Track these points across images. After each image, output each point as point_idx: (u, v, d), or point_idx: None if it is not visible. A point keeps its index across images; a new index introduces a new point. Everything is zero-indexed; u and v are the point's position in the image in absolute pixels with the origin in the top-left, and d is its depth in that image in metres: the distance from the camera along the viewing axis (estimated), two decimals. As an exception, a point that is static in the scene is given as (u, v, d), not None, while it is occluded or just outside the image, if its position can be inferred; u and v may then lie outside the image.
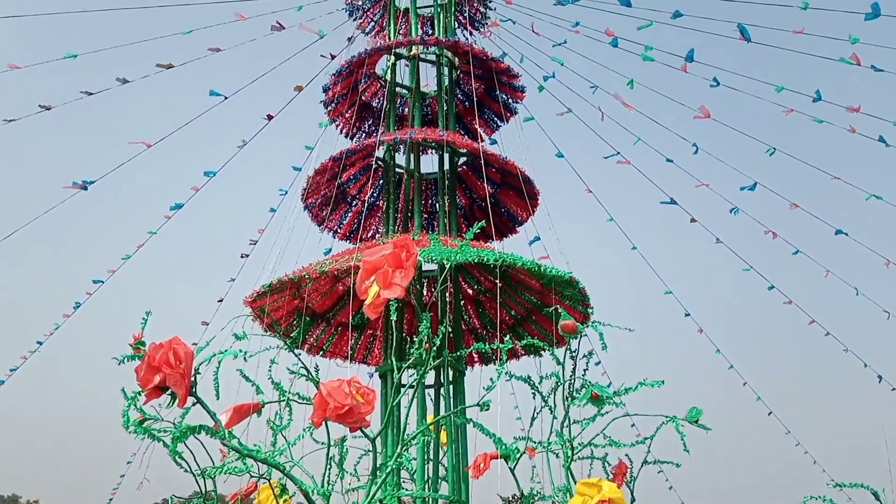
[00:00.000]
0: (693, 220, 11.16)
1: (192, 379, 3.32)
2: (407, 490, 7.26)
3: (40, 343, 10.17)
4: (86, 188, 9.30)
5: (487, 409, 4.13)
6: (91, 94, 9.79)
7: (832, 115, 9.39)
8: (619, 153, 11.19)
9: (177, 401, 3.25)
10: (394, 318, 3.74)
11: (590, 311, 8.21)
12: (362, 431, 3.43)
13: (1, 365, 10.29)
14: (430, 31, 10.44)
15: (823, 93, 8.99)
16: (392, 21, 10.28)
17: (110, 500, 11.28)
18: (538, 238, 9.52)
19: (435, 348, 4.29)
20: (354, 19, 10.83)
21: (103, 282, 10.17)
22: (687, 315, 11.56)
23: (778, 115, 9.72)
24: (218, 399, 3.63)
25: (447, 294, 8.38)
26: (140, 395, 3.30)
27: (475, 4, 10.67)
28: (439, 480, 7.88)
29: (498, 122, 10.35)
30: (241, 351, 3.62)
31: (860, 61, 8.06)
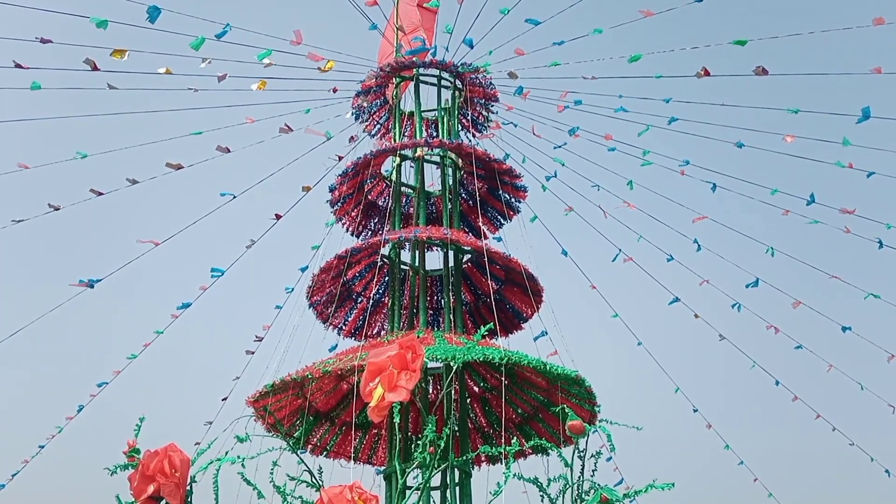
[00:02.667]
0: (696, 317, 11.16)
1: (189, 488, 3.20)
2: None
3: (42, 447, 9.98)
4: (92, 286, 9.29)
5: (494, 515, 3.97)
6: (101, 193, 9.92)
7: (827, 216, 9.55)
8: (620, 251, 11.29)
9: (171, 511, 3.12)
10: (397, 420, 3.63)
11: (597, 409, 8.02)
12: (365, 542, 3.27)
13: (1, 468, 10.05)
14: (435, 134, 10.68)
15: (820, 190, 9.20)
16: (397, 124, 10.54)
17: None
18: (545, 333, 9.45)
19: (440, 451, 4.15)
20: (361, 122, 11.10)
21: (107, 383, 10.05)
22: (695, 411, 11.40)
23: (776, 215, 9.87)
24: (217, 504, 3.49)
25: (453, 393, 8.21)
26: (132, 504, 3.17)
27: (478, 108, 10.95)
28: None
29: (501, 220, 10.45)
30: (239, 457, 3.51)
31: (852, 165, 8.23)
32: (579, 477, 4.64)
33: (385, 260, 9.59)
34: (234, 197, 10.47)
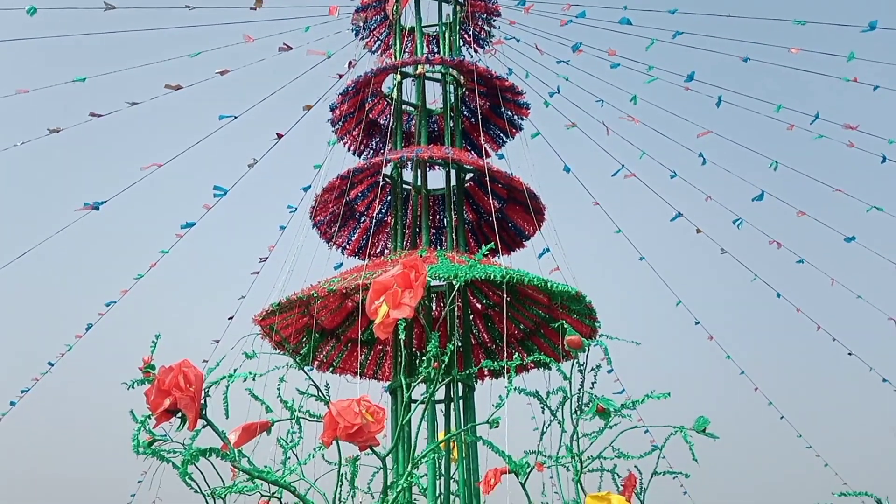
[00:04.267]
0: (699, 231, 11.18)
1: (203, 402, 3.31)
2: (417, 505, 7.21)
3: (52, 364, 10.17)
4: (97, 208, 9.30)
5: (497, 427, 4.11)
6: (100, 115, 9.82)
7: (831, 131, 9.44)
8: (623, 166, 11.22)
9: (187, 423, 3.24)
10: (402, 336, 3.73)
11: (597, 325, 8.17)
12: (372, 450, 3.41)
13: (13, 386, 10.28)
14: (436, 50, 10.48)
15: (824, 106, 9.08)
16: (398, 40, 10.32)
17: None
18: (548, 250, 9.52)
19: (444, 366, 4.27)
20: (361, 38, 10.87)
21: (115, 302, 10.17)
22: (697, 323, 11.57)
23: (780, 130, 9.75)
24: (227, 419, 3.62)
25: (456, 310, 8.35)
26: (150, 418, 3.28)
27: (479, 23, 10.70)
28: (451, 496, 7.82)
29: (503, 137, 10.36)
30: (250, 373, 3.61)
31: (857, 79, 8.08)
32: (579, 389, 4.78)
33: (387, 179, 9.58)
34: (235, 118, 10.35)
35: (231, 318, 10.80)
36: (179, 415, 3.29)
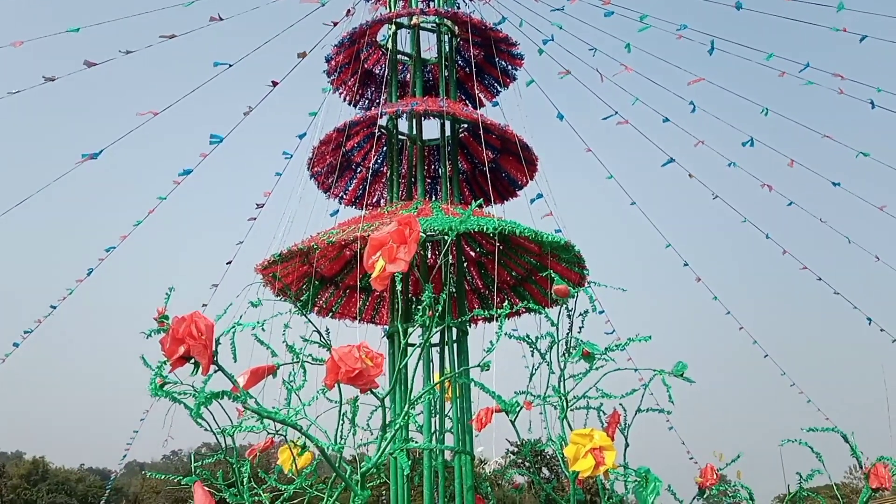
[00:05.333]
0: (691, 176, 11.33)
1: (214, 349, 3.53)
2: (415, 442, 7.56)
3: (54, 307, 10.28)
4: (95, 157, 9.36)
5: (488, 370, 4.36)
6: (94, 64, 9.81)
7: (821, 79, 9.52)
8: (616, 112, 11.30)
9: (200, 369, 3.47)
10: (399, 287, 3.94)
11: (585, 272, 8.39)
12: (372, 392, 3.64)
13: (16, 328, 10.49)
14: (430, 0, 10.43)
15: (814, 53, 9.24)
16: (392, -12, 10.25)
17: (124, 455, 11.74)
18: (541, 195, 9.67)
19: (439, 313, 4.49)
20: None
21: (115, 248, 10.28)
22: (685, 265, 11.82)
23: (771, 77, 9.82)
24: (235, 363, 3.84)
25: (450, 258, 8.56)
26: (165, 364, 3.49)
27: (474, -30, 10.61)
28: (445, 432, 8.16)
29: (498, 87, 10.41)
30: (258, 323, 3.82)
31: (846, 29, 8.14)
32: (567, 333, 5.01)
33: (383, 130, 9.67)
34: (230, 66, 10.35)
35: (229, 262, 10.98)
36: (192, 361, 3.51)
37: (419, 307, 3.95)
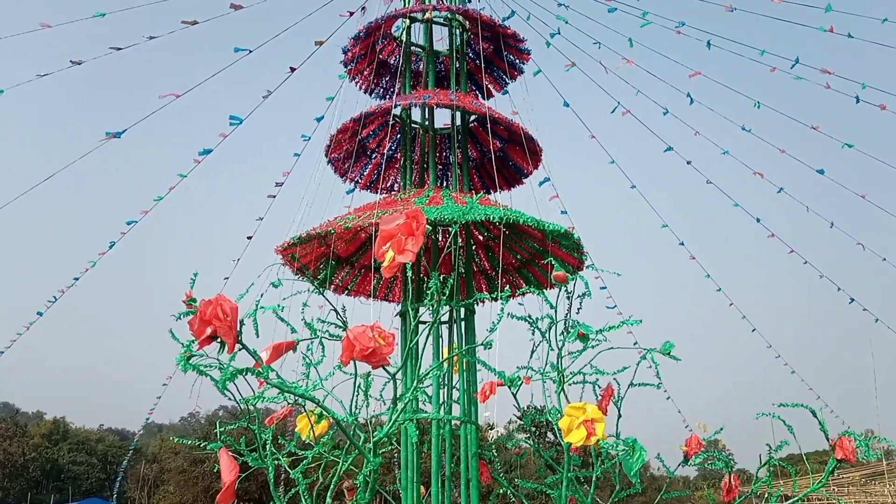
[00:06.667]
0: (688, 163, 11.51)
1: (238, 329, 3.76)
2: (424, 412, 7.83)
3: (76, 279, 10.42)
4: (118, 136, 9.49)
5: (491, 349, 4.60)
6: (120, 49, 9.98)
7: (810, 75, 9.66)
8: (619, 104, 11.46)
9: (226, 347, 3.70)
10: (409, 274, 4.16)
11: (584, 257, 8.60)
12: (384, 368, 3.88)
13: (41, 298, 10.71)
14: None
15: (804, 49, 9.26)
16: (407, -19, 10.38)
17: (148, 418, 12.13)
18: (547, 179, 9.87)
19: (447, 294, 4.71)
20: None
21: (136, 222, 10.38)
22: (681, 244, 12.06)
23: (763, 73, 9.95)
24: (258, 338, 4.07)
25: (459, 241, 8.78)
26: (194, 342, 3.70)
27: (484, -35, 10.71)
28: (452, 403, 8.43)
29: (506, 79, 10.56)
30: (279, 305, 4.05)
31: (833, 29, 8.24)
32: (566, 315, 5.22)
33: (397, 119, 9.86)
34: (250, 51, 10.51)
35: (250, 237, 11.21)
36: (219, 340, 3.74)
37: (429, 288, 4.15)
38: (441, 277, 4.43)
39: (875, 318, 11.13)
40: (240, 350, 3.76)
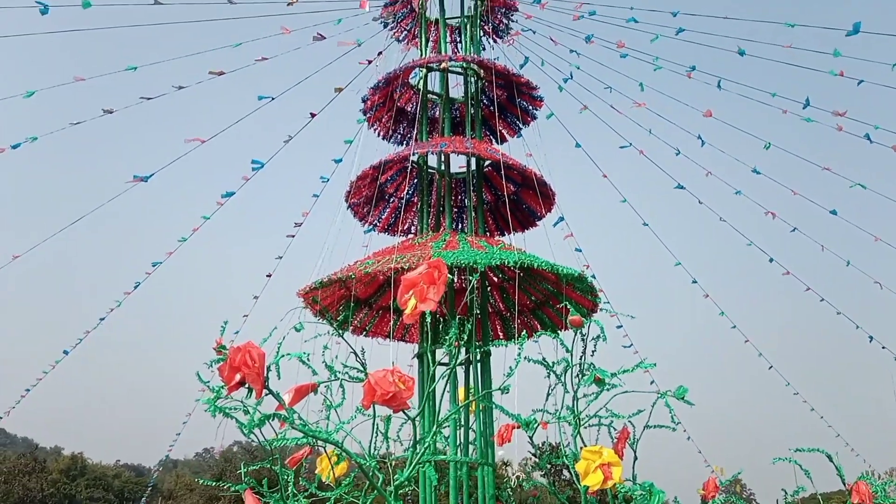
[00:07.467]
0: (700, 203, 11.58)
1: (266, 375, 3.82)
2: (443, 454, 7.79)
3: (102, 319, 10.62)
4: (145, 180, 9.73)
5: (507, 393, 4.62)
6: (150, 98, 10.29)
7: (821, 117, 9.73)
8: (631, 144, 11.61)
9: (254, 393, 3.76)
10: (429, 320, 4.22)
11: (597, 300, 8.62)
12: (404, 412, 3.91)
13: (68, 338, 10.84)
14: (458, 39, 10.82)
15: (815, 93, 9.35)
16: (423, 32, 10.66)
17: (166, 455, 12.17)
18: (562, 219, 9.96)
19: (464, 339, 4.74)
20: (389, 29, 11.22)
21: (161, 263, 10.58)
22: (694, 282, 12.05)
23: (775, 115, 10.05)
24: (279, 379, 4.13)
25: (476, 286, 8.84)
26: (223, 388, 3.76)
27: (499, 16, 11.00)
28: (469, 444, 8.40)
29: (519, 124, 10.73)
30: (305, 353, 4.11)
31: (843, 73, 8.33)
32: (581, 358, 5.23)
33: (414, 164, 10.02)
34: (273, 99, 10.79)
35: (269, 275, 11.34)
36: (247, 386, 3.80)
37: (447, 329, 4.19)
38: (458, 319, 4.48)
39: (895, 355, 11.01)
40: (266, 395, 3.81)
